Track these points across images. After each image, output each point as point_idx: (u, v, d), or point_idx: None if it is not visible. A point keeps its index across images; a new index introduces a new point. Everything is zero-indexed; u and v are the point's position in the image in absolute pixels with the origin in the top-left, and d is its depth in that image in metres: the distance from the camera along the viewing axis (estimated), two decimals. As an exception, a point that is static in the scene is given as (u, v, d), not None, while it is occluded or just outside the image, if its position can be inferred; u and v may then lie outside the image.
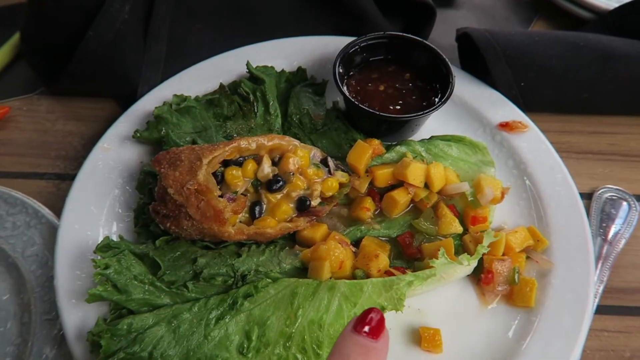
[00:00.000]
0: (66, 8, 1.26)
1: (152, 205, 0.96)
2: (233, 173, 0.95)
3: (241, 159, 0.99)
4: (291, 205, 1.00)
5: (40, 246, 1.01)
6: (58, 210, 1.08)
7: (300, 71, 1.30)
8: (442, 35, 1.50)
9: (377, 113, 1.12)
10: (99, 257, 0.92)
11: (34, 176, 1.21)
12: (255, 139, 0.98)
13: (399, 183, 1.06)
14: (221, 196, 0.93)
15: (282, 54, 1.34)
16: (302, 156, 1.01)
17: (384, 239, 1.03)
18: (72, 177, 1.20)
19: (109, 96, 1.34)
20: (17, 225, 1.04)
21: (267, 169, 0.98)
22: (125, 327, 0.83)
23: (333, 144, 1.19)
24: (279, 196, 0.99)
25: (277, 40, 1.36)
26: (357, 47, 1.23)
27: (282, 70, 1.29)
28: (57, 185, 1.20)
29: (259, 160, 1.00)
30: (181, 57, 1.32)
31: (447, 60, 1.19)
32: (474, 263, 0.95)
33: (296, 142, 1.03)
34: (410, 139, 1.16)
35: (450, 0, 1.65)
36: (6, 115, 1.31)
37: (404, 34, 1.24)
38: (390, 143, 1.15)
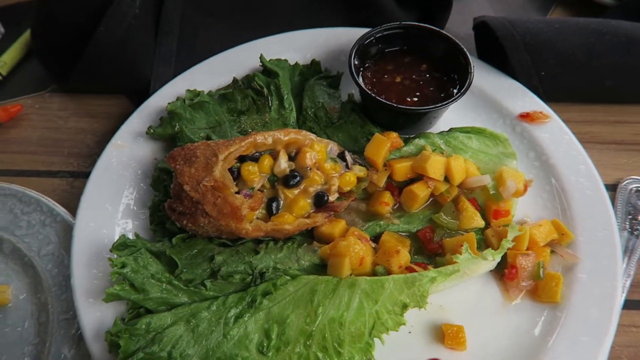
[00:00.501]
0: (75, 4, 1.25)
1: (167, 202, 0.94)
2: (249, 169, 0.94)
3: (257, 154, 0.97)
4: (308, 200, 0.98)
5: (56, 245, 1.00)
6: (73, 209, 1.07)
7: (314, 64, 1.27)
8: (458, 24, 1.47)
9: (395, 105, 1.09)
10: (116, 256, 0.90)
11: (48, 174, 1.20)
12: (271, 134, 0.96)
13: (418, 177, 1.03)
14: (238, 192, 0.92)
15: (295, 46, 1.32)
16: (319, 150, 0.99)
17: (403, 234, 1.01)
18: (85, 175, 1.19)
19: (120, 92, 1.33)
20: (32, 224, 1.03)
21: (283, 164, 0.96)
22: (143, 326, 0.82)
23: (349, 137, 1.16)
24: (296, 192, 0.97)
25: (290, 32, 1.34)
26: (372, 38, 1.20)
27: (296, 63, 1.27)
28: (70, 183, 1.19)
29: (275, 155, 0.98)
30: (192, 51, 1.31)
31: (465, 50, 1.16)
32: (498, 258, 0.92)
33: (312, 136, 1.01)
34: (428, 131, 1.13)
35: (465, -12, 1.61)
36: (19, 113, 1.30)
37: (421, 24, 1.21)
38: (408, 136, 1.13)
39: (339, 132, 1.17)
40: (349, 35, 1.32)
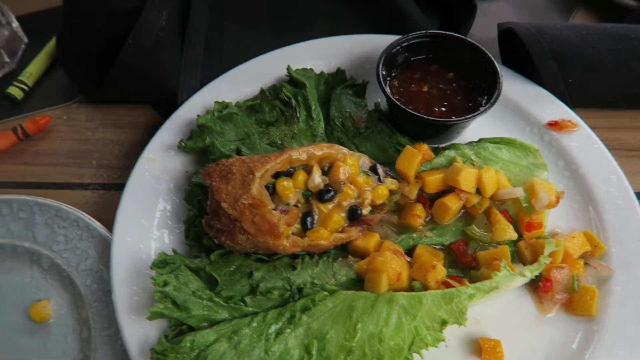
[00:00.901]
0: (102, 13, 1.25)
1: (205, 219, 0.95)
2: (284, 184, 0.94)
3: (291, 169, 0.97)
4: (342, 214, 0.98)
5: (94, 260, 1.02)
6: (106, 221, 1.09)
7: (340, 72, 1.28)
8: (481, 28, 1.46)
9: (425, 117, 1.09)
10: (155, 273, 0.92)
11: (79, 187, 1.22)
12: (305, 150, 0.97)
13: (449, 188, 1.04)
14: (274, 209, 0.93)
15: (320, 54, 1.32)
16: (351, 165, 1.00)
17: (436, 246, 1.02)
18: (116, 187, 1.21)
19: (146, 102, 1.33)
20: (70, 239, 1.05)
21: (317, 179, 0.97)
22: (188, 344, 0.83)
23: (377, 147, 1.17)
24: (330, 206, 0.98)
25: (314, 40, 1.34)
26: (399, 47, 1.20)
27: (322, 72, 1.27)
28: (102, 195, 1.20)
29: (308, 170, 0.98)
30: (217, 61, 1.31)
31: (492, 59, 1.16)
32: (536, 274, 0.93)
33: (345, 150, 1.02)
34: (457, 141, 1.14)
35: (486, -9, 1.61)
36: (47, 125, 1.31)
37: (447, 32, 1.21)
38: (436, 145, 1.14)
39: (366, 142, 1.18)
40: (373, 43, 1.33)
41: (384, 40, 1.33)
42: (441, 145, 1.14)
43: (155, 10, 1.21)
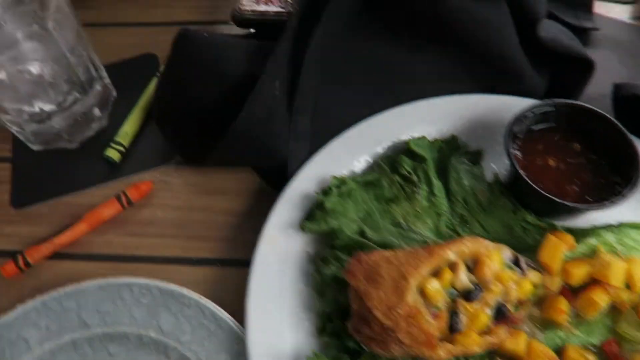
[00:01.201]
0: (209, 80, 1.22)
1: (352, 324, 0.91)
2: (435, 288, 0.90)
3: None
4: (489, 313, 0.94)
5: (226, 356, 0.98)
6: (225, 304, 1.05)
7: (453, 139, 1.22)
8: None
9: (565, 203, 1.03)
10: (301, 379, 0.89)
11: (190, 262, 1.18)
12: (454, 249, 0.92)
13: (592, 279, 0.99)
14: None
15: (428, 118, 1.27)
16: (496, 260, 0.95)
17: (588, 346, 0.97)
18: (229, 263, 1.17)
19: (249, 166, 1.29)
20: (196, 329, 1.01)
21: (464, 278, 0.93)
22: None
23: (502, 225, 1.12)
24: (476, 305, 0.93)
25: (420, 102, 1.28)
26: (525, 116, 1.15)
27: (435, 140, 1.22)
28: (215, 273, 1.16)
29: (452, 267, 0.94)
30: (325, 124, 1.26)
31: (627, 133, 1.10)
32: None
33: (487, 242, 0.97)
34: (596, 226, 1.08)
35: (586, 39, 1.53)
36: (149, 191, 1.27)
37: (575, 102, 1.15)
38: (567, 226, 1.08)
39: (489, 218, 1.13)
40: (485, 104, 1.28)
41: (495, 101, 1.28)
42: (576, 228, 1.08)
43: (270, 79, 1.16)
